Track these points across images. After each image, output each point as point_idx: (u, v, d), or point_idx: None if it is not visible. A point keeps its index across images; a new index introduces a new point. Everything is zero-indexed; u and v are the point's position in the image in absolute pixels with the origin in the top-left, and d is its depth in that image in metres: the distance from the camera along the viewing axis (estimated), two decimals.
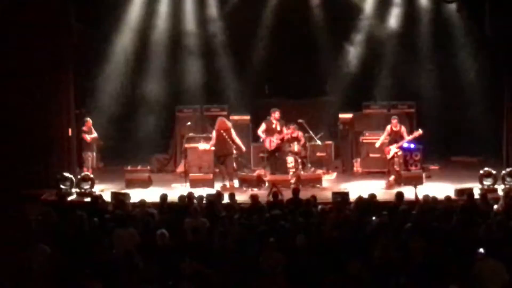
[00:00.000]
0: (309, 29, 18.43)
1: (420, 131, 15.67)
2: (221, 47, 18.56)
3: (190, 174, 16.06)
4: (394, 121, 15.74)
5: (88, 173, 15.77)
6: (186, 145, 17.04)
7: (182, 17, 18.42)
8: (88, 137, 16.45)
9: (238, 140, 16.05)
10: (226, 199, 12.80)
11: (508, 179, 14.87)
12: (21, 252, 9.17)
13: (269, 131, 16.12)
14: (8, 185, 14.32)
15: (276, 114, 16.13)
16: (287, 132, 16.15)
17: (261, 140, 16.38)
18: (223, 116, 17.72)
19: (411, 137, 15.66)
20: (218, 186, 15.46)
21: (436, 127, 17.73)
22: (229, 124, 16.23)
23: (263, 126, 16.20)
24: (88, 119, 16.66)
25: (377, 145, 15.90)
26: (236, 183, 15.82)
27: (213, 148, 16.11)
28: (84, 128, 16.52)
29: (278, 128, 16.08)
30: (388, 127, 15.79)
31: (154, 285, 8.54)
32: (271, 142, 16.06)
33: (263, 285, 8.75)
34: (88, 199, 14.19)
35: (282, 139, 16.06)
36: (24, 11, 15.25)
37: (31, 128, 15.58)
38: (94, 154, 16.65)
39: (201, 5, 18.41)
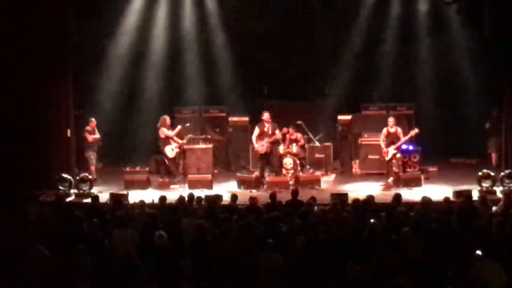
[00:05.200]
0: (308, 31, 18.46)
1: (416, 130, 15.67)
2: (220, 48, 18.58)
3: (189, 175, 16.06)
4: (390, 122, 15.74)
5: (87, 174, 15.75)
6: (185, 146, 17.04)
7: (181, 17, 18.42)
8: (90, 137, 16.42)
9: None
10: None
11: (506, 181, 14.86)
12: (19, 252, 9.17)
13: (262, 135, 15.92)
14: (7, 186, 14.35)
15: (265, 116, 15.91)
16: (278, 136, 16.06)
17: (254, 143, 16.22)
18: (222, 117, 17.89)
19: (407, 137, 15.67)
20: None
21: (434, 129, 17.74)
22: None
23: (256, 131, 15.98)
24: (93, 119, 16.61)
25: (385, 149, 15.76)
26: None
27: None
28: (88, 128, 16.49)
29: (270, 132, 15.89)
30: (385, 130, 15.77)
31: (153, 286, 8.54)
32: (261, 146, 15.92)
33: (261, 286, 8.75)
34: (87, 200, 14.19)
35: (272, 142, 15.92)
36: (23, 11, 15.24)
37: (30, 129, 15.56)
38: (95, 154, 16.64)
39: (200, 5, 18.42)
